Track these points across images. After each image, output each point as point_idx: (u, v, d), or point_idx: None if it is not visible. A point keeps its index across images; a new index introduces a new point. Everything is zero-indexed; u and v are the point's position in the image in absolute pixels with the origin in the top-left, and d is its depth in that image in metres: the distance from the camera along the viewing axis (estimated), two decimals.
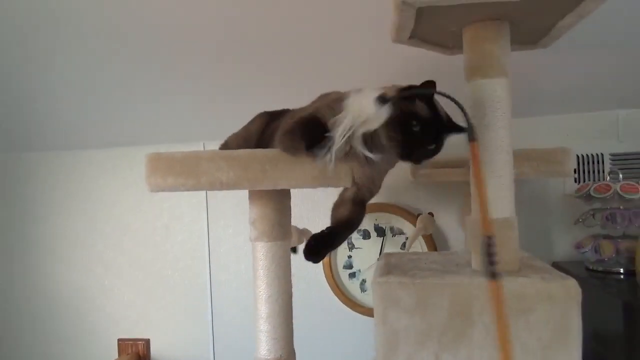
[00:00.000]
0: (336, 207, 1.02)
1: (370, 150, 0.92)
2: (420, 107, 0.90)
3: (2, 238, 2.25)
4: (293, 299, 1.13)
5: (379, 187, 1.03)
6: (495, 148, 1.02)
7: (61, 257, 2.19)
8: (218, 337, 2.03)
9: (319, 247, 0.96)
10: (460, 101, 0.94)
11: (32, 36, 1.57)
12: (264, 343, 1.09)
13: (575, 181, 1.78)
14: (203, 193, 2.05)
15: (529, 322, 0.93)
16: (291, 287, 1.14)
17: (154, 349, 2.08)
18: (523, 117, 1.78)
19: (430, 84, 0.87)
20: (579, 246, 1.59)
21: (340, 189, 1.05)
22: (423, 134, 0.89)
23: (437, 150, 0.92)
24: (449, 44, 1.19)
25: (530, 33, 1.13)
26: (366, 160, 0.98)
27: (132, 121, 2.01)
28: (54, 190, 2.20)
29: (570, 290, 0.93)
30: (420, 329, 0.95)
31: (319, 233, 0.97)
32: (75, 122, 2.02)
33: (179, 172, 0.93)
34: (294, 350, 1.14)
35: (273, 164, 0.92)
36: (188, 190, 0.95)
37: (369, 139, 0.92)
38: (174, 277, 2.08)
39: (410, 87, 0.90)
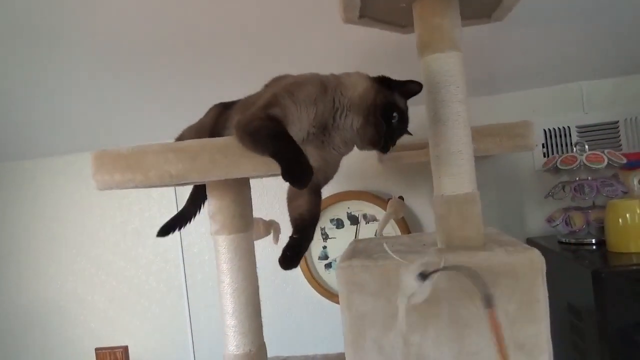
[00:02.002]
0: (291, 199, 1.00)
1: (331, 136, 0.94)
2: (399, 100, 0.95)
3: None
4: (270, 293, 1.11)
5: (335, 171, 1.01)
6: (452, 123, 1.00)
7: (31, 269, 2.13)
8: (197, 338, 2.00)
9: (294, 255, 0.96)
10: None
11: None
12: (232, 338, 1.07)
13: (544, 156, 1.79)
14: (172, 193, 2.00)
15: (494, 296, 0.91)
16: (257, 280, 1.11)
17: (132, 356, 2.03)
18: (487, 95, 1.78)
19: (418, 85, 0.95)
20: (550, 220, 1.59)
21: None
22: (399, 125, 0.94)
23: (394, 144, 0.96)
24: (402, 22, 1.17)
25: (481, 5, 1.12)
26: (322, 144, 0.96)
27: (95, 125, 1.96)
28: (18, 201, 2.13)
29: (534, 262, 0.91)
30: (387, 312, 0.93)
31: (290, 242, 0.97)
32: (35, 129, 1.96)
33: (125, 167, 0.90)
34: (265, 344, 1.12)
35: (222, 153, 0.89)
36: (137, 186, 0.92)
37: (332, 125, 0.93)
38: (148, 281, 2.04)
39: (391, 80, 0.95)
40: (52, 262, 2.11)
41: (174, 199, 2.01)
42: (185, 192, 1.30)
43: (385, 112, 0.91)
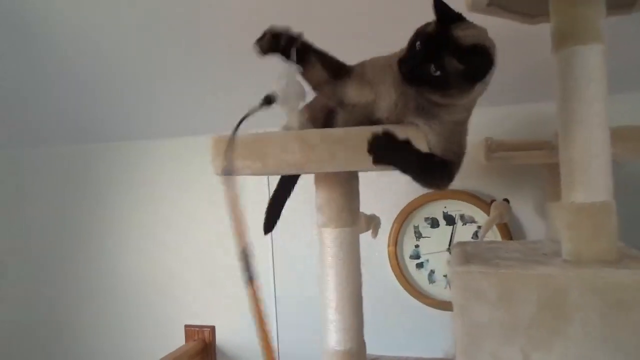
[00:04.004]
0: None
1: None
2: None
3: (74, 227, 2.35)
4: None
5: (460, 142, 0.93)
6: (590, 124, 0.91)
7: (130, 245, 2.26)
8: (282, 325, 2.01)
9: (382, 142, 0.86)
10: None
11: (93, 29, 1.60)
12: (333, 334, 1.05)
13: None
14: (265, 181, 2.02)
15: (629, 320, 0.82)
16: (361, 275, 1.09)
17: (219, 336, 2.10)
18: (620, 93, 1.60)
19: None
20: None
21: None
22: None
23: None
24: (533, 11, 1.08)
25: None
26: (431, 117, 0.88)
27: (198, 110, 2.02)
28: (122, 181, 2.26)
29: None
30: (506, 324, 0.86)
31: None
32: (142, 112, 2.06)
33: (244, 155, 0.90)
34: (364, 342, 1.09)
35: (341, 145, 0.87)
36: (254, 173, 0.93)
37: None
38: (237, 265, 2.08)
39: None
40: (149, 239, 2.22)
41: (267, 185, 2.03)
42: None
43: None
